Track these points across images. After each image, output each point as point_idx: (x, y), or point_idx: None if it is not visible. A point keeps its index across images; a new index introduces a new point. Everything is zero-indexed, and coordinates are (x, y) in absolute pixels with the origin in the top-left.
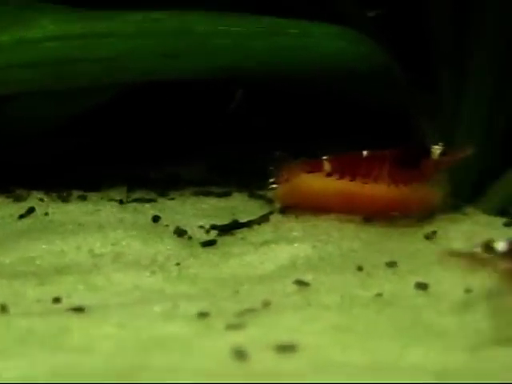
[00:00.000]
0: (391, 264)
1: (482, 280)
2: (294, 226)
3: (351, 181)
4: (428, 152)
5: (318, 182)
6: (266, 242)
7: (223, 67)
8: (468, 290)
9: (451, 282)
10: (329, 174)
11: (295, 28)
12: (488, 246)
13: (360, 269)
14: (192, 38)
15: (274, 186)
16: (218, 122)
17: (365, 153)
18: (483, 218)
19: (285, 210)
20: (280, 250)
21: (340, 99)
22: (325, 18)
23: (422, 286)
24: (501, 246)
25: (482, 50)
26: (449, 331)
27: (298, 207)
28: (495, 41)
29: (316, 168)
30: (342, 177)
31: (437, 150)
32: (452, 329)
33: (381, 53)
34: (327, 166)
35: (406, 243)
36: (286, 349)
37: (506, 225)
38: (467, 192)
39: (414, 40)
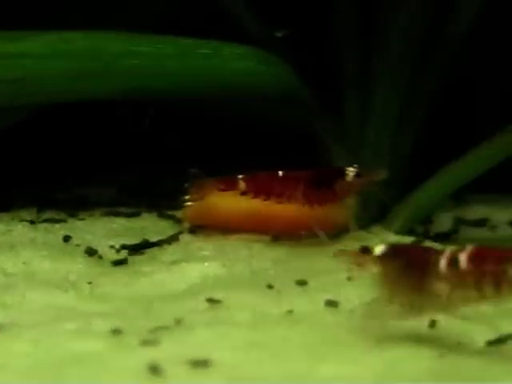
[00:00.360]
0: (301, 282)
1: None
2: (203, 245)
3: (265, 200)
4: (342, 174)
5: (226, 203)
6: (176, 261)
7: (135, 88)
8: (375, 309)
9: (361, 300)
10: (243, 193)
11: (205, 48)
12: (366, 250)
13: (270, 287)
14: (104, 58)
15: (188, 203)
16: (129, 143)
17: (280, 173)
18: (391, 237)
19: (194, 229)
20: (190, 269)
21: (250, 120)
22: (233, 39)
23: (331, 304)
24: (378, 250)
25: (387, 71)
26: (359, 346)
27: (207, 227)
28: (400, 63)
29: (231, 186)
30: (256, 196)
31: (351, 172)
32: (362, 344)
33: (289, 73)
34: (242, 185)
35: (314, 262)
36: (200, 364)
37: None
38: (375, 212)
39: (321, 61)
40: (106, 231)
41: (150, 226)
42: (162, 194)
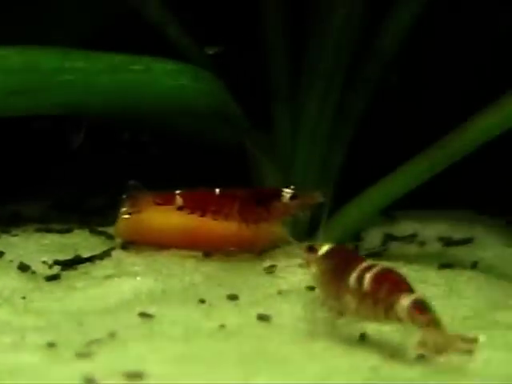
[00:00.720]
0: (233, 297)
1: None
2: (135, 260)
3: (201, 216)
4: (278, 195)
5: (158, 219)
6: (109, 277)
7: (70, 103)
8: (308, 322)
9: (292, 314)
10: (180, 208)
11: (137, 64)
12: (312, 248)
13: (202, 301)
14: (38, 74)
15: (124, 215)
16: (59, 160)
17: (217, 190)
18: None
19: (126, 245)
20: (123, 284)
21: (182, 135)
22: (165, 55)
23: (263, 318)
24: (323, 249)
25: (317, 87)
26: (292, 358)
27: (139, 243)
28: (330, 78)
29: (168, 201)
30: (192, 212)
31: (287, 193)
32: (295, 356)
33: (221, 90)
34: (179, 200)
35: (246, 277)
36: (134, 376)
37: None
38: (305, 228)
39: (251, 77)
40: (38, 247)
41: (82, 241)
42: (92, 210)
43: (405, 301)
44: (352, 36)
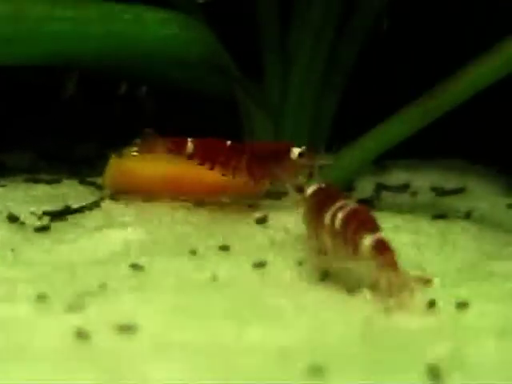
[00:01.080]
0: (224, 247)
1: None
2: (125, 211)
3: (211, 169)
4: (287, 151)
5: (146, 169)
6: (98, 228)
7: (58, 53)
8: (301, 272)
9: (284, 265)
10: (190, 157)
11: (128, 13)
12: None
13: (193, 252)
14: (26, 23)
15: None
16: (48, 110)
17: (228, 142)
18: None
19: (115, 196)
20: (113, 235)
21: (173, 85)
22: (155, 4)
23: (256, 269)
24: (310, 189)
25: (308, 37)
26: (285, 310)
27: (128, 193)
28: (321, 28)
29: (179, 148)
30: (201, 163)
31: (296, 151)
32: (288, 308)
33: (211, 39)
34: (190, 147)
35: (237, 227)
36: (126, 329)
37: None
38: None
39: (242, 28)
40: (27, 197)
41: (71, 192)
42: (81, 160)
43: (367, 240)
44: None
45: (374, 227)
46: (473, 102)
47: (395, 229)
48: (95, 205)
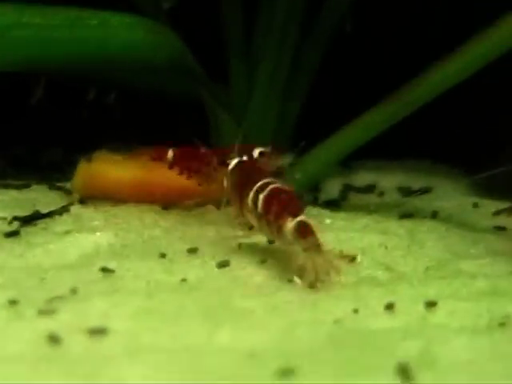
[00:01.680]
0: (193, 250)
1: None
2: (94, 215)
3: (189, 178)
4: (248, 152)
5: (114, 173)
6: (68, 232)
7: (25, 59)
8: (270, 273)
9: (253, 267)
10: (171, 166)
11: (94, 19)
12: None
13: (163, 255)
14: None
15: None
16: (16, 115)
17: (202, 148)
18: None
19: (84, 200)
20: (83, 239)
21: (139, 89)
22: (121, 10)
23: (224, 270)
24: (232, 164)
25: (272, 39)
26: (255, 312)
27: (96, 197)
28: (285, 30)
29: (160, 157)
30: (181, 172)
31: (257, 151)
32: (258, 309)
33: (177, 43)
34: (170, 155)
35: (206, 230)
36: (97, 332)
37: None
38: None
39: (207, 31)
40: None
41: (41, 197)
42: (50, 166)
43: (290, 224)
44: None
45: (296, 210)
46: (439, 102)
47: (363, 229)
48: (64, 209)
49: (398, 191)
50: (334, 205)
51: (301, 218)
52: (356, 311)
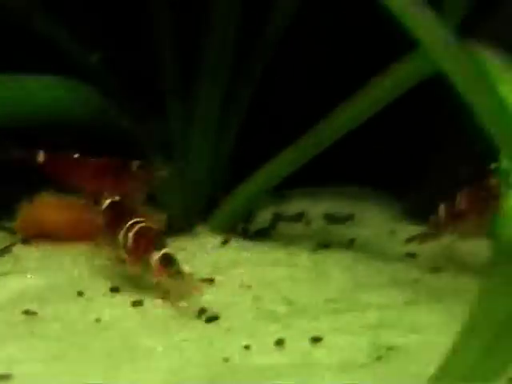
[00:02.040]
0: (114, 289)
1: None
2: (32, 256)
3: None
4: (126, 165)
5: (51, 215)
6: (3, 274)
7: None
8: (178, 313)
9: (164, 302)
10: (40, 166)
11: (12, 82)
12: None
13: (82, 295)
14: None
15: None
16: None
17: (76, 156)
18: (212, 237)
19: (26, 240)
20: (13, 281)
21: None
22: (51, 67)
23: (136, 308)
24: (104, 203)
25: (206, 77)
26: (154, 351)
27: (39, 238)
28: (215, 78)
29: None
30: (48, 176)
31: (134, 164)
32: (158, 348)
33: (96, 98)
34: (41, 157)
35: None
36: (2, 379)
37: (223, 243)
38: (202, 212)
39: (143, 71)
40: None
41: None
42: None
43: (155, 256)
44: (238, 25)
45: (159, 244)
46: (370, 128)
47: (275, 262)
48: (6, 250)
49: (323, 218)
50: (263, 235)
51: (164, 251)
52: (248, 348)
